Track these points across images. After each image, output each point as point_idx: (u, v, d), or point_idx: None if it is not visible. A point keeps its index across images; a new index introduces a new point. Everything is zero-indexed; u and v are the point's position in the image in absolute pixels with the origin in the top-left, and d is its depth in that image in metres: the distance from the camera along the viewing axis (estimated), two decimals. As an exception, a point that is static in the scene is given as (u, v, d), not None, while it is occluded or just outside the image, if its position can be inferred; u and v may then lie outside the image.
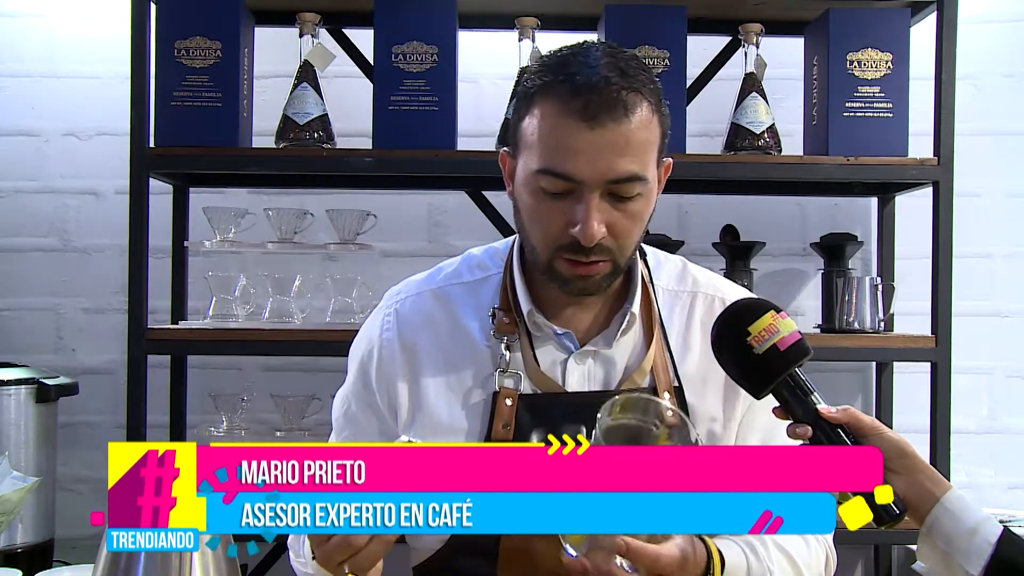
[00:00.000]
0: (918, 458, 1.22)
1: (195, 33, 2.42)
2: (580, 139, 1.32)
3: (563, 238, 1.36)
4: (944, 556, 1.19)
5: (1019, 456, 2.84)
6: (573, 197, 1.35)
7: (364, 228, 2.55)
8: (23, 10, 2.85)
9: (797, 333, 1.24)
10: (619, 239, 1.37)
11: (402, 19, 2.43)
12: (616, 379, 1.46)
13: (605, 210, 1.35)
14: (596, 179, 1.33)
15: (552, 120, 1.34)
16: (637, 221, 1.38)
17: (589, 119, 1.32)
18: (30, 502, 2.16)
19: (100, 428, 2.79)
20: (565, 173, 1.33)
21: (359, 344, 1.56)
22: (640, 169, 1.34)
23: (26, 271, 2.84)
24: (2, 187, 2.84)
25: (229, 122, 2.44)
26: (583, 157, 1.32)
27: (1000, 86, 2.86)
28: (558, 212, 1.36)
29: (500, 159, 1.48)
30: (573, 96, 1.32)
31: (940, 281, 2.44)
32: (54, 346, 2.84)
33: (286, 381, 2.73)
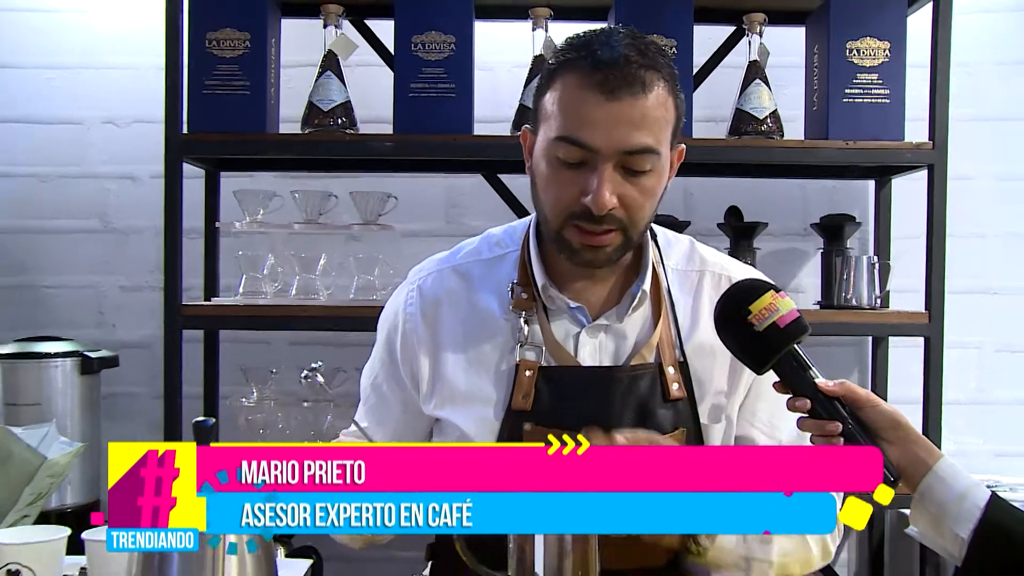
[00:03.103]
0: (911, 428, 1.22)
1: (225, 25, 2.43)
2: (598, 110, 1.32)
3: (575, 206, 1.35)
4: (935, 520, 1.19)
5: (1006, 426, 2.85)
6: (587, 167, 1.34)
7: (385, 209, 2.56)
8: (64, 6, 2.87)
9: (795, 311, 1.24)
10: (630, 211, 1.36)
11: (421, 10, 2.43)
12: (626, 353, 1.45)
13: (617, 181, 1.34)
14: (611, 149, 1.32)
15: (572, 92, 1.34)
16: (648, 196, 1.37)
17: (608, 92, 1.31)
18: (77, 466, 2.19)
19: (139, 398, 2.83)
20: (582, 141, 1.33)
21: (385, 318, 1.57)
22: (654, 143, 1.34)
23: (69, 251, 2.87)
24: (46, 173, 2.87)
25: (257, 109, 2.44)
26: (600, 127, 1.32)
27: (992, 73, 2.85)
28: (572, 182, 1.35)
29: (522, 135, 1.47)
30: (594, 70, 1.32)
31: (934, 260, 2.44)
32: (96, 321, 2.87)
33: (312, 355, 2.73)
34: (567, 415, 1.39)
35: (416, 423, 1.53)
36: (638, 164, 1.34)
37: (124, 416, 2.80)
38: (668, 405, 1.42)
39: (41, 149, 2.86)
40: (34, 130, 2.86)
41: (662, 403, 1.42)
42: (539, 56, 2.50)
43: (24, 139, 2.86)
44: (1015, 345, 2.87)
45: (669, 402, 1.42)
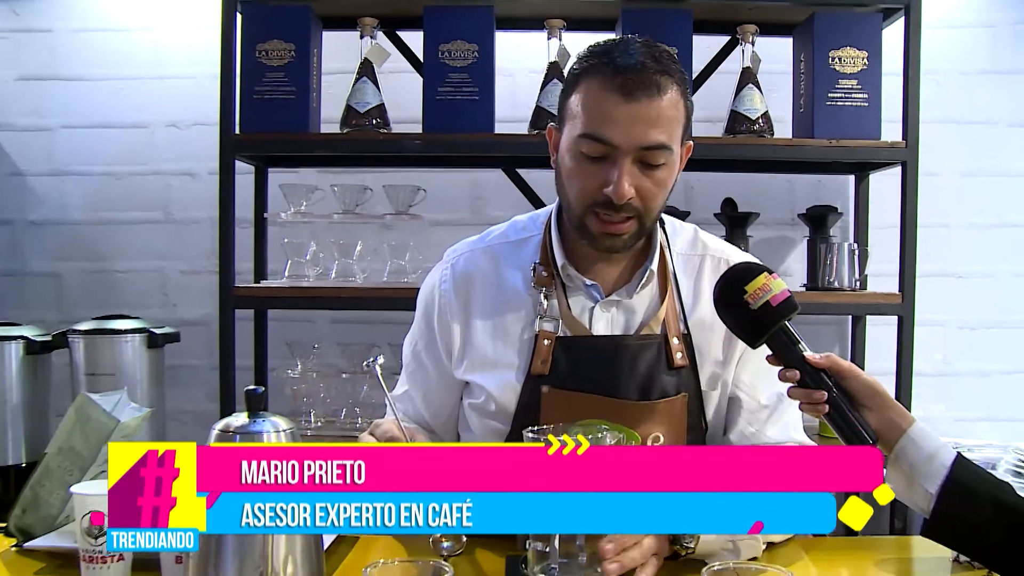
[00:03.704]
0: (888, 396, 1.23)
1: (273, 37, 2.45)
2: (618, 110, 1.33)
3: (597, 196, 1.37)
4: (908, 478, 1.20)
5: (966, 395, 2.86)
6: (608, 162, 1.35)
7: (415, 201, 2.57)
8: (134, 25, 2.90)
9: (787, 291, 1.24)
10: (645, 201, 1.37)
11: (447, 22, 2.44)
12: (635, 326, 1.46)
13: (635, 175, 1.35)
14: (629, 145, 1.34)
15: (595, 94, 1.35)
16: (661, 188, 1.39)
17: (627, 94, 1.33)
18: (145, 429, 2.21)
19: (198, 369, 2.85)
20: (604, 138, 1.34)
21: (423, 294, 1.58)
22: (667, 140, 1.35)
23: (137, 240, 2.90)
24: (118, 171, 2.90)
25: (301, 112, 2.46)
26: (620, 126, 1.33)
27: (956, 82, 2.85)
28: (595, 174, 1.37)
29: (548, 132, 1.48)
30: (614, 75, 1.34)
31: (906, 247, 2.45)
32: (160, 302, 2.90)
33: (350, 331, 2.76)
34: (581, 379, 1.42)
35: (449, 386, 1.54)
36: (653, 158, 1.35)
37: (185, 385, 2.83)
38: (672, 372, 1.43)
39: (114, 151, 2.89)
40: (108, 134, 2.89)
41: (667, 370, 1.43)
42: (554, 63, 2.50)
43: (99, 143, 2.89)
44: (974, 323, 2.87)
45: (673, 369, 1.43)
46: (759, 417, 1.49)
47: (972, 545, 1.19)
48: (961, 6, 2.87)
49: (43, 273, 2.92)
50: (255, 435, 1.04)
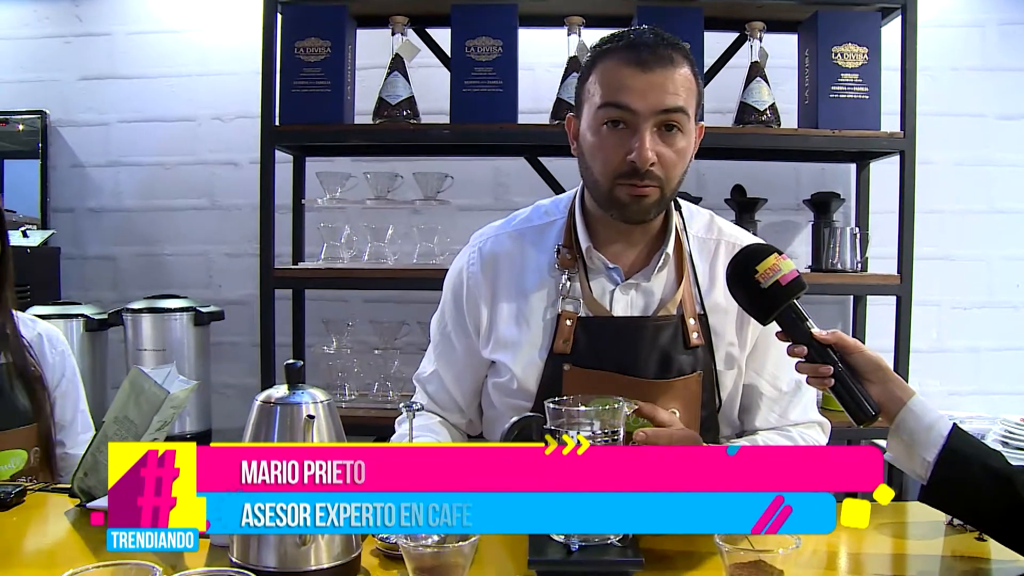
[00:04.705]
0: (890, 371, 1.22)
1: (311, 35, 2.45)
2: (635, 79, 1.32)
3: (622, 166, 1.34)
4: (907, 447, 1.19)
5: (958, 370, 2.85)
6: (629, 130, 1.34)
7: (443, 187, 2.57)
8: (182, 27, 2.92)
9: (795, 271, 1.22)
10: (667, 170, 1.35)
11: (473, 19, 2.44)
12: (653, 307, 1.44)
13: (656, 141, 1.34)
14: (648, 111, 1.32)
15: (612, 69, 1.34)
16: (681, 157, 1.37)
17: (642, 64, 1.32)
18: (192, 400, 2.25)
19: (241, 346, 2.88)
20: (623, 103, 1.32)
21: (451, 275, 1.56)
22: (684, 104, 1.34)
23: (184, 225, 2.92)
24: (168, 161, 2.92)
25: (336, 104, 2.46)
26: (637, 93, 1.32)
27: (948, 77, 2.83)
28: (618, 145, 1.34)
29: (567, 122, 1.46)
30: (629, 51, 1.33)
31: (904, 231, 2.43)
32: (205, 282, 2.92)
33: (382, 310, 2.77)
34: (601, 357, 1.40)
35: (476, 364, 1.52)
36: (673, 120, 1.33)
37: (229, 360, 2.86)
38: (688, 351, 1.41)
39: (163, 142, 2.91)
40: (158, 127, 2.91)
41: (683, 349, 1.41)
42: (573, 57, 2.49)
43: (150, 135, 2.92)
44: (966, 303, 2.86)
45: (689, 348, 1.41)
46: (781, 403, 1.48)
47: (966, 510, 1.18)
48: (952, 6, 2.84)
49: (101, 256, 2.95)
50: (295, 406, 1.03)
